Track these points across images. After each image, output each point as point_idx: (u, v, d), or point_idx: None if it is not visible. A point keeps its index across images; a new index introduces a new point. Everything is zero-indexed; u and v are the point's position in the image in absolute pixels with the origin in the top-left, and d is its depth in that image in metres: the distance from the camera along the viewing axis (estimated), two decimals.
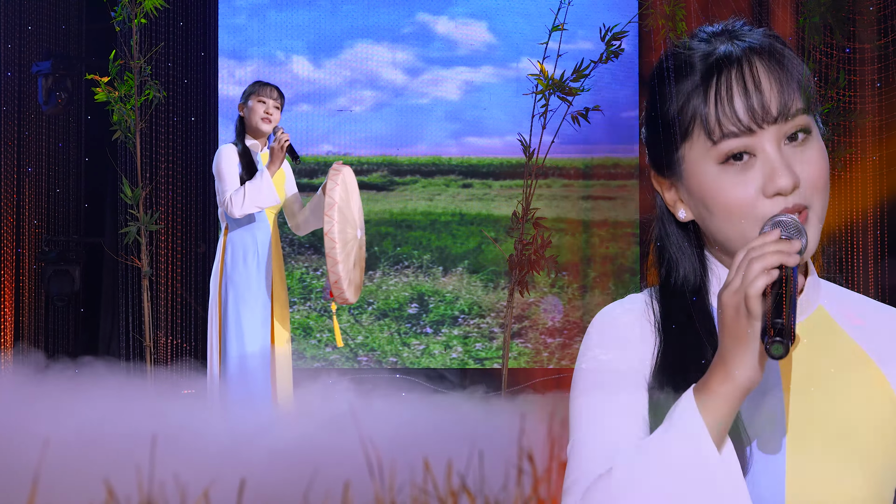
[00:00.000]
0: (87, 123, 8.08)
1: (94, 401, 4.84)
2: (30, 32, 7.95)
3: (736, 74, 1.35)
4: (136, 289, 7.68)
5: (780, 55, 1.37)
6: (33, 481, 0.95)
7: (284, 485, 2.95)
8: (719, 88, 1.35)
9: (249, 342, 5.20)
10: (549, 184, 8.03)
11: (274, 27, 8.30)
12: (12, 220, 7.88)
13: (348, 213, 5.23)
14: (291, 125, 8.04)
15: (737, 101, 1.34)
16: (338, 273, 5.06)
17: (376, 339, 8.26)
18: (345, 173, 5.28)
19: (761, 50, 1.36)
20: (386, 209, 8.38)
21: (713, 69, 1.36)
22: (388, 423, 4.73)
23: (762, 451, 1.36)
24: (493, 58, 8.38)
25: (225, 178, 5.24)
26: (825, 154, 1.39)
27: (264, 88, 5.40)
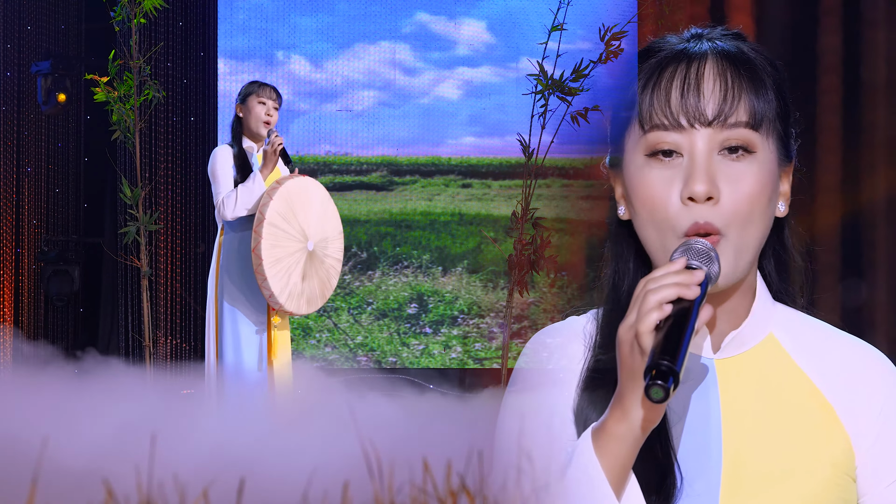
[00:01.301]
0: (87, 123, 8.08)
1: (93, 400, 4.83)
2: (29, 32, 7.95)
3: (682, 68, 1.29)
4: (135, 289, 7.68)
5: (748, 66, 1.29)
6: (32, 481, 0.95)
7: (283, 484, 2.95)
8: (661, 79, 1.29)
9: (246, 347, 5.20)
10: (549, 184, 8.03)
11: (273, 27, 8.30)
12: (12, 219, 7.88)
13: (289, 226, 5.18)
14: (291, 125, 8.04)
15: (673, 94, 1.28)
16: (269, 289, 5.06)
17: (375, 339, 8.26)
18: (288, 186, 5.19)
19: (726, 54, 1.29)
20: (385, 209, 8.38)
21: (666, 61, 1.30)
22: (388, 423, 4.73)
23: (693, 489, 1.27)
24: (492, 58, 8.38)
25: (218, 180, 5.22)
26: (766, 184, 1.28)
27: (264, 89, 5.34)
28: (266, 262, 5.03)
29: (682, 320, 1.18)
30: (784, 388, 1.33)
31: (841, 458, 1.31)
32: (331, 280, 5.42)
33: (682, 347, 1.16)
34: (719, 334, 1.34)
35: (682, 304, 1.20)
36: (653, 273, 1.23)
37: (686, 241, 1.25)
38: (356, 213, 8.33)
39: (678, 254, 1.25)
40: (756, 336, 1.35)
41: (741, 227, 1.27)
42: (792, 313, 1.39)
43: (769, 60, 1.32)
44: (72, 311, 8.06)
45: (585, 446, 1.22)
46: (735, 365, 1.34)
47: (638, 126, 1.30)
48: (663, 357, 1.15)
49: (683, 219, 1.26)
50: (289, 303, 5.14)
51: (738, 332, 1.34)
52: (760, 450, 1.30)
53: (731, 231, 1.26)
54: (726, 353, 1.34)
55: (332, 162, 8.34)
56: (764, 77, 1.29)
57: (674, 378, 1.14)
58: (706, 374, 1.33)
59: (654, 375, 1.14)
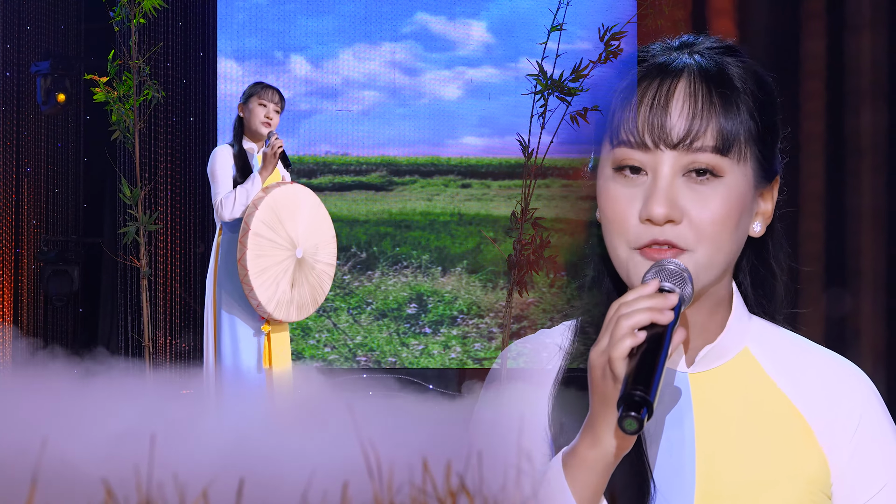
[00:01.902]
0: (86, 123, 8.08)
1: (92, 400, 4.83)
2: (28, 32, 7.95)
3: (654, 86, 1.26)
4: (134, 289, 7.68)
5: (723, 86, 1.26)
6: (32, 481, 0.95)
7: (283, 484, 2.95)
8: (632, 93, 1.26)
9: (244, 349, 5.21)
10: (548, 184, 8.03)
11: (273, 27, 8.30)
12: (11, 219, 7.88)
13: (275, 234, 5.19)
14: (290, 125, 8.04)
15: (641, 113, 1.25)
16: (256, 299, 5.09)
17: (375, 339, 8.26)
18: (274, 194, 5.19)
19: (703, 72, 1.26)
20: (385, 209, 8.38)
21: (643, 75, 1.27)
22: (387, 423, 4.73)
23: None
24: (491, 58, 8.38)
25: (217, 180, 5.23)
26: (733, 208, 1.25)
27: (266, 91, 5.35)
28: (252, 272, 5.06)
29: (655, 346, 1.16)
30: (758, 404, 1.31)
31: (816, 475, 1.29)
32: (323, 285, 5.42)
33: (656, 376, 1.14)
34: (693, 349, 1.32)
35: (656, 330, 1.17)
36: (625, 296, 1.20)
37: (659, 262, 1.23)
38: (355, 213, 8.33)
39: (650, 275, 1.22)
40: (731, 350, 1.33)
41: (710, 247, 1.25)
42: (768, 327, 1.37)
43: (756, 78, 1.29)
44: (71, 311, 8.06)
45: (556, 471, 1.20)
46: (709, 379, 1.32)
47: (608, 138, 1.28)
48: (636, 387, 1.12)
49: (642, 235, 1.25)
50: (277, 311, 5.16)
51: (713, 346, 1.32)
52: (734, 465, 1.28)
53: (698, 249, 1.24)
54: (700, 367, 1.32)
55: (332, 162, 8.34)
56: (740, 98, 1.26)
57: (648, 408, 1.11)
58: (680, 389, 1.31)
59: (627, 406, 1.11)
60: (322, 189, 8.26)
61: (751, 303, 1.37)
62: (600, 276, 1.38)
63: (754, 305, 1.37)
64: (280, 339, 5.30)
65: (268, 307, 5.10)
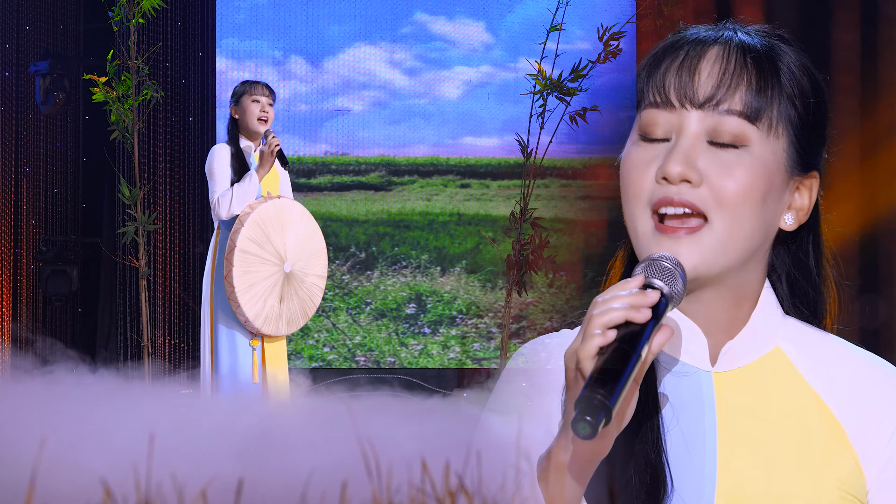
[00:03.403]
0: (85, 123, 8.08)
1: (91, 400, 4.83)
2: (27, 32, 7.95)
3: (687, 49, 1.21)
4: (133, 289, 7.68)
5: (762, 60, 1.20)
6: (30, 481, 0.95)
7: (282, 484, 2.95)
8: (665, 59, 1.22)
9: (242, 358, 5.21)
10: (547, 184, 8.03)
11: (272, 27, 8.30)
12: (10, 219, 7.88)
13: (262, 250, 5.19)
14: (289, 125, 8.04)
15: (670, 73, 1.21)
16: (243, 315, 5.12)
17: (374, 339, 8.26)
18: (261, 210, 5.18)
19: (740, 44, 1.21)
20: (384, 209, 8.38)
21: (679, 44, 1.23)
22: (386, 423, 4.73)
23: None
24: (491, 58, 8.38)
25: (215, 178, 5.23)
26: (759, 179, 1.19)
27: (256, 87, 5.34)
28: (238, 289, 5.07)
29: (627, 347, 1.09)
30: (789, 405, 1.24)
31: (849, 481, 1.22)
32: (313, 298, 5.43)
33: (621, 378, 1.06)
34: (716, 344, 1.26)
35: (631, 329, 1.10)
36: (604, 292, 1.14)
37: (650, 256, 1.17)
38: (354, 214, 8.33)
39: (640, 269, 1.16)
40: (760, 348, 1.26)
41: (728, 217, 1.18)
42: (804, 327, 1.29)
43: (804, 69, 1.23)
44: (70, 311, 8.06)
45: (531, 475, 1.14)
46: (735, 379, 1.25)
47: (639, 105, 1.24)
48: (596, 389, 1.05)
49: (657, 192, 1.19)
50: (266, 326, 5.18)
51: (734, 342, 1.25)
52: (760, 470, 1.21)
53: (715, 218, 1.18)
54: (724, 365, 1.25)
55: (331, 162, 8.34)
56: (780, 78, 1.21)
57: (605, 413, 1.03)
58: (702, 389, 1.24)
59: (583, 409, 1.04)
60: (321, 189, 8.26)
61: (787, 306, 1.30)
62: (627, 271, 1.31)
63: (791, 309, 1.30)
64: (275, 350, 5.31)
65: (255, 323, 5.13)
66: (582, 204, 8.28)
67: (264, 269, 5.19)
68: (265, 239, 5.19)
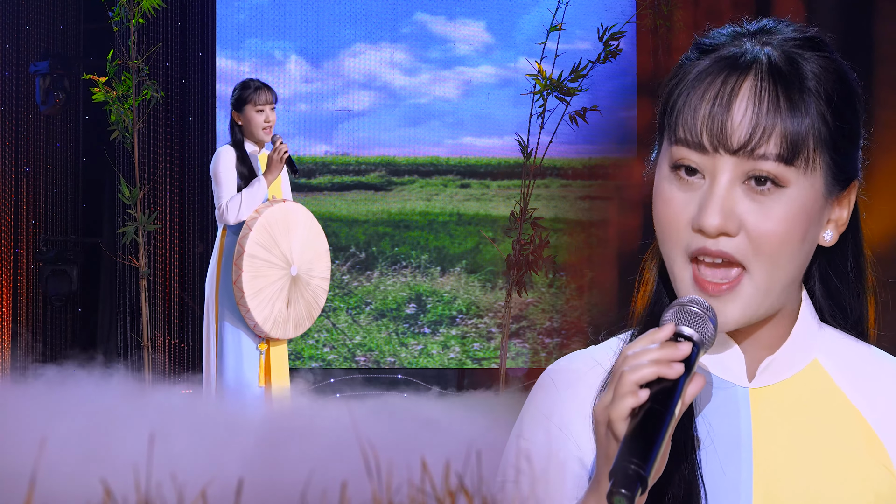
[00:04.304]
0: (85, 123, 8.08)
1: (91, 400, 4.83)
2: (27, 32, 7.95)
3: (720, 82, 1.15)
4: (133, 289, 7.68)
5: (794, 86, 1.14)
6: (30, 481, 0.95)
7: (282, 484, 2.95)
8: (697, 87, 1.16)
9: (247, 363, 5.20)
10: (547, 184, 8.03)
11: (272, 27, 8.30)
12: (10, 219, 7.88)
13: (270, 254, 5.20)
14: (289, 126, 8.04)
15: (702, 110, 1.15)
16: (252, 319, 5.13)
17: (374, 339, 8.26)
18: (267, 215, 5.19)
19: (774, 70, 1.15)
20: (384, 209, 8.38)
21: (710, 67, 1.16)
22: (386, 423, 4.73)
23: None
24: (491, 58, 8.38)
25: (222, 183, 5.20)
26: (798, 222, 1.15)
27: (259, 94, 5.26)
28: (248, 294, 5.08)
29: (660, 407, 1.04)
30: (827, 420, 1.21)
31: (888, 496, 1.18)
32: (318, 300, 5.44)
33: (656, 444, 1.02)
34: (754, 360, 1.22)
35: (663, 385, 1.06)
36: (633, 344, 1.10)
37: (679, 301, 1.13)
38: (355, 213, 8.33)
39: (670, 315, 1.12)
40: (797, 363, 1.22)
41: (767, 264, 1.14)
42: (841, 337, 1.26)
43: (836, 77, 1.17)
44: (70, 311, 8.06)
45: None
46: (772, 395, 1.22)
47: (668, 133, 1.18)
48: (630, 459, 1.00)
49: (693, 243, 1.15)
50: (274, 330, 5.19)
51: (774, 357, 1.22)
52: (797, 487, 1.18)
53: (754, 267, 1.14)
54: (762, 381, 1.22)
55: (331, 162, 8.34)
56: (811, 99, 1.14)
57: (641, 483, 0.99)
58: (738, 405, 1.21)
59: (617, 481, 0.99)
60: (321, 189, 8.26)
61: (823, 313, 1.26)
62: (658, 287, 1.26)
63: (827, 316, 1.26)
64: (279, 354, 5.31)
65: (264, 327, 5.13)
66: (582, 204, 8.28)
67: (272, 273, 5.20)
68: (272, 243, 5.20)
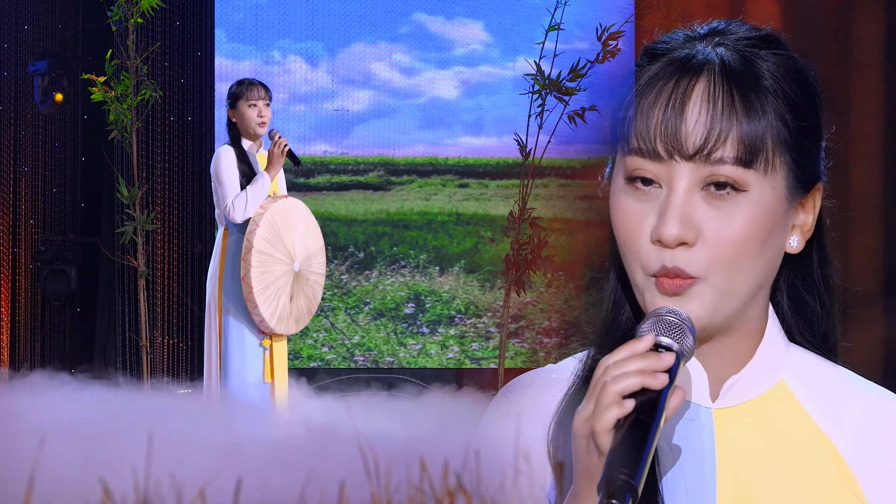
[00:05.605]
0: (84, 123, 8.08)
1: (89, 400, 4.83)
2: (26, 32, 7.94)
3: (671, 86, 1.11)
4: (132, 289, 7.67)
5: (749, 86, 1.10)
6: (29, 481, 0.95)
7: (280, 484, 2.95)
8: (649, 93, 1.12)
9: (251, 359, 5.21)
10: (546, 183, 8.03)
11: (271, 27, 8.30)
12: (8, 219, 7.88)
13: (275, 250, 5.22)
14: (288, 125, 8.03)
15: (654, 117, 1.10)
16: (259, 315, 5.14)
17: (372, 338, 8.26)
18: (272, 210, 5.22)
19: (728, 70, 1.11)
20: (382, 209, 8.38)
21: (660, 71, 1.13)
22: (384, 423, 4.73)
23: None
24: (489, 57, 8.38)
25: (225, 182, 5.21)
26: (758, 226, 1.10)
27: (251, 90, 5.29)
28: (256, 289, 5.09)
29: (645, 417, 1.02)
30: (793, 443, 1.17)
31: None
32: (316, 296, 5.47)
33: (644, 453, 1.00)
34: (718, 379, 1.18)
35: (647, 396, 1.03)
36: (614, 354, 1.06)
37: (656, 311, 1.09)
38: (353, 213, 8.33)
39: (647, 326, 1.08)
40: (763, 383, 1.18)
41: (725, 271, 1.10)
42: (809, 357, 1.21)
43: (793, 74, 1.13)
44: (68, 310, 8.06)
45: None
46: (736, 415, 1.18)
47: (621, 143, 1.14)
48: (620, 469, 0.98)
49: (653, 259, 1.11)
50: (279, 325, 5.21)
51: (739, 377, 1.17)
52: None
53: (711, 275, 1.10)
54: (726, 401, 1.18)
55: (330, 161, 8.34)
56: (768, 100, 1.11)
57: (632, 493, 0.97)
58: (701, 426, 1.17)
59: (608, 493, 0.97)
60: (320, 189, 8.26)
61: (791, 329, 1.22)
62: (620, 301, 1.21)
63: (795, 332, 1.22)
64: (279, 351, 5.32)
65: (271, 322, 5.15)
66: (581, 203, 8.28)
67: (277, 268, 5.23)
68: (277, 238, 5.23)
